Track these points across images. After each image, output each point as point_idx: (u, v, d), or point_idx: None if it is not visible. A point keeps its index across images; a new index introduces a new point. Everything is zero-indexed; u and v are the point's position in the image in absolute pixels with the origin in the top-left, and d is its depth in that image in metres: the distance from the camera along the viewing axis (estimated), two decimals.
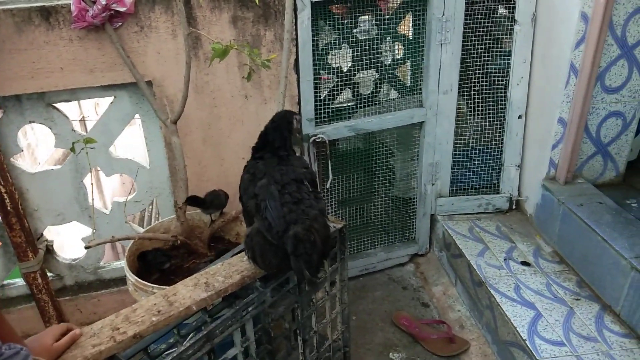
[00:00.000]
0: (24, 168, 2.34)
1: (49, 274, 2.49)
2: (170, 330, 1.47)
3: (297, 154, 1.79)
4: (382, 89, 2.78)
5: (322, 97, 2.57)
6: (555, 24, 2.46)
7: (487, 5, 2.57)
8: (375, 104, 2.72)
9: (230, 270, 1.62)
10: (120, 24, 2.11)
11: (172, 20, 2.17)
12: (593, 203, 2.41)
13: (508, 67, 2.68)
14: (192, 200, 2.15)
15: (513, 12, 2.58)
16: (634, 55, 2.39)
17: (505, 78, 2.71)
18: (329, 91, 2.62)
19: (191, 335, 1.52)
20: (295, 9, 2.24)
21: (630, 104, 2.50)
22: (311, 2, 2.28)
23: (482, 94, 2.74)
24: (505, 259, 2.55)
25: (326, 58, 2.54)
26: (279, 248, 1.50)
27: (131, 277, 1.92)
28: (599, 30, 2.24)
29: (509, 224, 2.84)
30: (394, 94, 2.83)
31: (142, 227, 2.65)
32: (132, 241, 2.12)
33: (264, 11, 2.26)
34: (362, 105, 2.69)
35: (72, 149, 2.04)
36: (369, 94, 2.73)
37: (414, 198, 2.97)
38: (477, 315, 2.54)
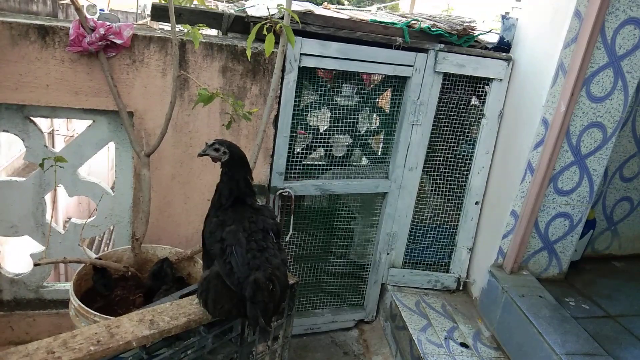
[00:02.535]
0: None
1: None
2: None
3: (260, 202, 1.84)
4: (353, 155, 2.91)
5: (295, 152, 2.67)
6: (519, 124, 2.66)
7: (460, 96, 2.77)
8: (345, 167, 2.84)
9: (177, 311, 1.63)
10: (113, 54, 2.18)
11: (164, 59, 2.26)
12: (534, 296, 2.53)
13: (472, 155, 2.86)
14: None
15: (483, 107, 2.78)
16: (586, 164, 2.59)
17: (467, 164, 2.88)
18: (303, 148, 2.72)
19: None
20: (283, 70, 2.37)
21: (578, 207, 2.68)
22: (299, 66, 2.42)
23: (444, 175, 2.90)
24: (445, 338, 2.61)
25: (306, 116, 2.66)
26: (235, 294, 1.53)
27: (75, 302, 1.90)
28: (557, 136, 2.44)
29: (454, 304, 2.92)
30: (364, 161, 2.96)
31: (92, 251, 2.62)
32: (82, 265, 2.10)
33: (254, 67, 2.38)
34: (332, 166, 2.80)
35: (41, 165, 2.05)
36: (340, 157, 2.85)
37: (368, 264, 3.04)
38: None
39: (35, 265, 1.97)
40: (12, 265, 2.62)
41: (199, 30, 2.04)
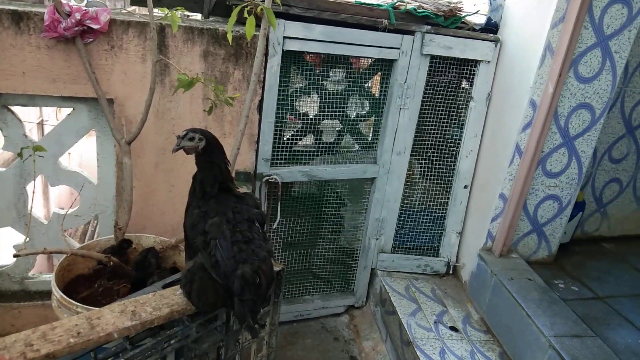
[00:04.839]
0: None
1: None
2: (88, 353, 1.44)
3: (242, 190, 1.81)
4: (343, 140, 2.87)
5: (285, 139, 2.63)
6: (506, 106, 2.63)
7: (447, 79, 2.74)
8: (334, 153, 2.80)
9: (160, 302, 1.60)
10: (91, 40, 2.13)
11: (143, 45, 2.20)
12: (523, 279, 2.52)
13: (460, 139, 2.83)
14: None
15: (471, 89, 2.75)
16: (574, 146, 2.57)
17: (456, 148, 2.85)
18: (292, 134, 2.68)
19: None
20: (266, 54, 2.32)
21: (567, 189, 2.66)
22: (282, 50, 2.37)
23: (433, 159, 2.87)
24: (435, 322, 2.61)
25: (294, 102, 2.62)
26: (220, 286, 1.50)
27: (57, 293, 1.87)
28: (545, 118, 2.42)
29: (443, 288, 2.92)
30: (354, 147, 2.93)
31: (85, 242, 2.58)
32: (64, 256, 2.07)
33: (236, 51, 2.33)
34: (321, 152, 2.77)
35: (20, 155, 2.01)
36: (329, 143, 2.82)
37: (357, 250, 3.03)
38: None
39: (14, 256, 1.94)
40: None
41: (177, 13, 1.98)
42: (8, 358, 1.29)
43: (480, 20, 2.73)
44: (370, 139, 2.90)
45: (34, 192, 2.15)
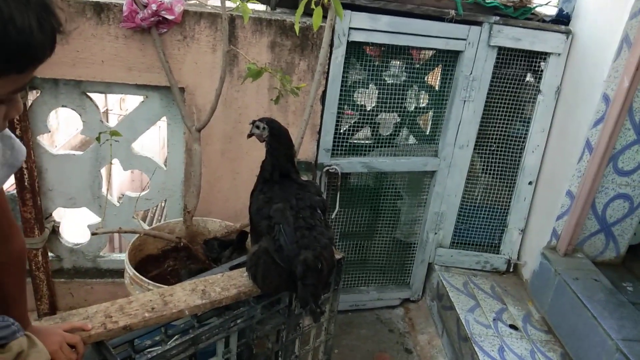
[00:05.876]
0: (47, 148, 2.42)
1: (49, 254, 2.55)
2: (158, 328, 1.52)
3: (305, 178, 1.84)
4: (401, 133, 2.86)
5: (342, 131, 2.65)
6: (577, 101, 2.53)
7: (515, 72, 2.66)
8: (392, 147, 2.80)
9: (228, 282, 1.66)
10: (165, 30, 2.21)
11: (214, 35, 2.27)
12: (589, 279, 2.44)
13: (526, 134, 2.76)
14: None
15: (539, 82, 2.67)
16: None
17: (521, 143, 2.78)
18: (350, 126, 2.70)
19: (177, 336, 1.56)
20: (331, 45, 2.34)
21: (639, 189, 2.54)
22: (347, 41, 2.38)
23: (497, 154, 2.81)
24: (494, 319, 2.56)
25: (352, 94, 2.63)
26: (283, 270, 1.54)
27: (130, 270, 1.97)
28: (618, 113, 2.32)
29: (503, 286, 2.86)
30: (411, 140, 2.91)
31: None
32: (136, 236, 2.18)
33: (302, 42, 2.36)
34: (379, 145, 2.77)
35: (98, 139, 2.12)
36: (387, 135, 2.81)
37: (414, 243, 3.01)
38: None
39: (92, 234, 2.07)
40: (75, 237, 2.74)
41: (248, 5, 2.03)
42: (90, 327, 1.38)
43: (551, 11, 2.65)
44: (430, 132, 2.86)
45: (108, 178, 2.27)
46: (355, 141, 2.77)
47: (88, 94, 2.39)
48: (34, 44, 0.79)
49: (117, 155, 2.47)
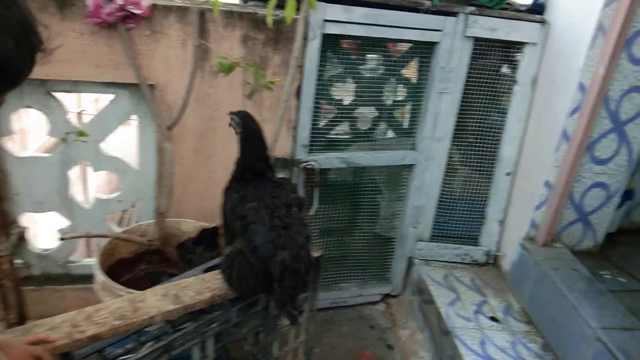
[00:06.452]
0: (12, 151, 2.33)
1: (17, 261, 2.45)
2: (130, 336, 1.46)
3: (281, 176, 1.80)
4: (379, 128, 2.82)
5: (319, 126, 2.61)
6: (553, 90, 2.53)
7: (491, 62, 2.65)
8: (371, 141, 2.76)
9: (202, 286, 1.61)
10: (133, 25, 2.13)
11: (184, 29, 2.20)
12: (568, 269, 2.44)
13: (502, 125, 2.75)
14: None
15: (515, 73, 2.66)
16: (625, 132, 2.45)
17: (498, 134, 2.77)
18: (327, 121, 2.65)
19: (150, 343, 1.50)
20: (305, 38, 2.29)
21: (615, 177, 2.55)
22: (322, 33, 2.33)
23: (474, 146, 2.80)
24: (475, 312, 2.55)
25: (329, 89, 2.59)
26: (259, 271, 1.50)
27: (100, 276, 1.90)
28: (594, 102, 2.32)
29: (483, 278, 2.86)
30: (390, 134, 2.88)
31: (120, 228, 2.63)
32: (107, 240, 2.11)
33: (276, 35, 2.31)
34: (358, 139, 2.73)
35: (64, 140, 2.04)
36: (365, 130, 2.78)
37: (394, 238, 2.98)
38: None
39: (60, 239, 1.98)
40: (44, 243, 2.65)
41: None
42: (56, 339, 1.31)
43: (527, 0, 2.63)
44: (408, 126, 2.84)
45: (83, 181, 2.18)
46: (333, 136, 2.73)
47: (54, 93, 2.30)
48: (10, 65, 0.77)
49: (86, 157, 2.39)
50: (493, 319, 2.52)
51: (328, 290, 2.95)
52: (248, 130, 1.64)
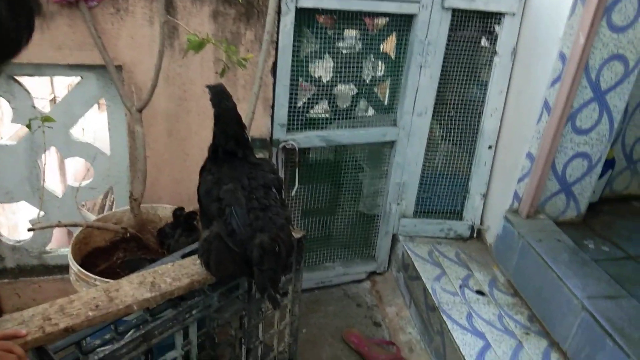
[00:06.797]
0: None
1: None
2: (108, 326, 1.40)
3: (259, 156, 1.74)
4: (359, 104, 2.76)
5: (298, 105, 2.54)
6: (533, 60, 2.49)
7: (470, 34, 2.59)
8: (351, 118, 2.70)
9: (180, 272, 1.55)
10: (95, 3, 2.03)
11: (150, 6, 2.10)
12: (552, 240, 2.43)
13: (483, 97, 2.71)
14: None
15: (494, 44, 2.61)
16: (606, 100, 2.43)
17: (479, 107, 2.73)
18: (306, 99, 2.58)
19: (129, 333, 1.45)
20: (279, 12, 2.20)
21: (597, 146, 2.54)
22: (296, 7, 2.25)
23: (455, 120, 2.76)
24: (460, 286, 2.54)
25: (307, 66, 2.51)
26: (238, 255, 1.44)
27: (74, 266, 1.83)
28: (575, 71, 2.28)
29: (468, 252, 2.84)
30: (370, 111, 2.82)
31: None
32: (79, 229, 2.03)
33: (247, 10, 2.22)
34: (337, 117, 2.67)
35: (28, 126, 1.95)
36: (345, 107, 2.71)
37: (377, 215, 2.95)
38: (427, 340, 2.52)
39: (29, 230, 1.90)
40: (19, 235, 2.56)
41: None
42: (25, 333, 1.24)
43: None
44: (388, 102, 2.78)
45: (60, 168, 2.09)
46: (313, 115, 2.66)
47: (16, 77, 2.19)
48: (2, 32, 0.72)
49: (54, 143, 2.29)
50: (479, 292, 2.51)
51: (313, 270, 2.91)
52: (219, 106, 1.57)
